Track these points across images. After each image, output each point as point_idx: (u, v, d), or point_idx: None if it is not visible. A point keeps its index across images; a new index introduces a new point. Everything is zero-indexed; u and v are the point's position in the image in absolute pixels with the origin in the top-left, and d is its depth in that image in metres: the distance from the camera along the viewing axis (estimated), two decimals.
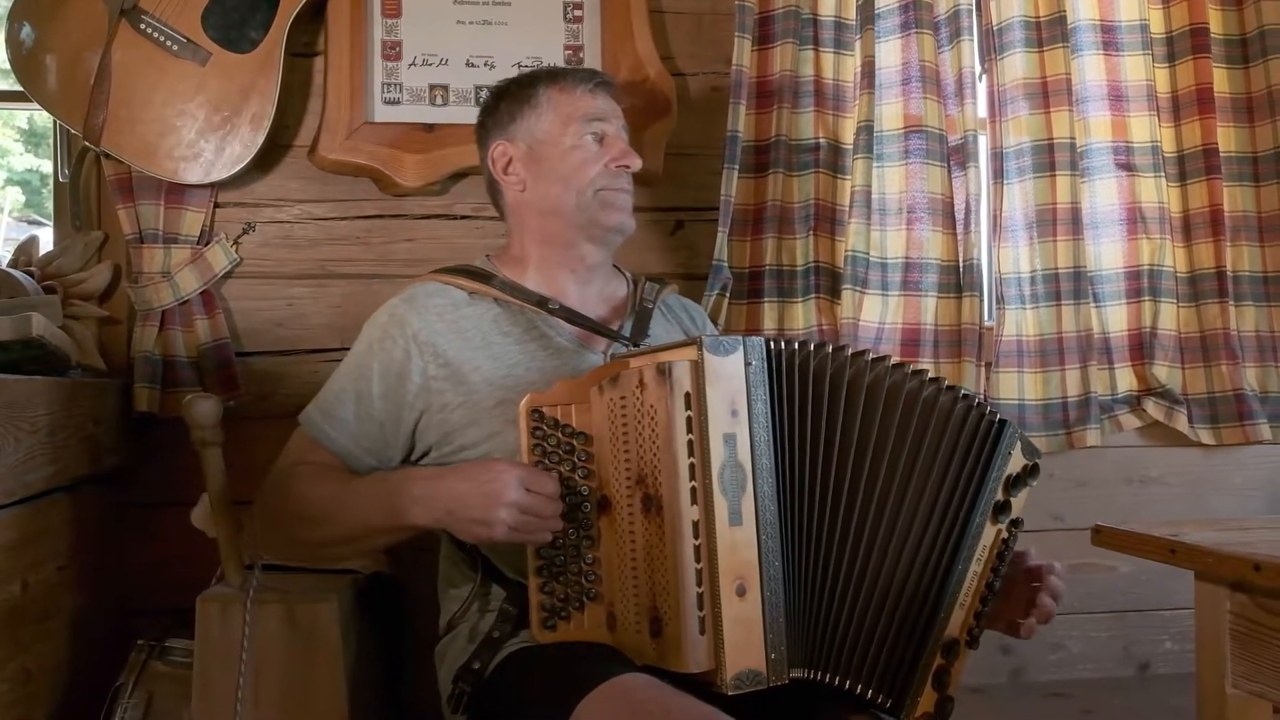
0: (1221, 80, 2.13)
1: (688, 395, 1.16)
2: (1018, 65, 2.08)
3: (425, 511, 1.26)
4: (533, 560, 1.26)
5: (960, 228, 2.05)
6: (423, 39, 1.97)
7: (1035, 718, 1.96)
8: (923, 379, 1.25)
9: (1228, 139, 2.13)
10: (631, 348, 1.45)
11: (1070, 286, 2.07)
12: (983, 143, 2.12)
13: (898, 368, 1.25)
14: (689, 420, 1.16)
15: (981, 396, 1.28)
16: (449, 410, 1.40)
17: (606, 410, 1.24)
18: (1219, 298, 2.11)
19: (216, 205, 1.92)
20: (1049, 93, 2.08)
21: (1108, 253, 2.14)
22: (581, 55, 2.00)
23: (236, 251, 1.92)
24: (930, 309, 2.05)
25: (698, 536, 1.15)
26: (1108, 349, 2.13)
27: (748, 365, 1.19)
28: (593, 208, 1.48)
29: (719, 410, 1.17)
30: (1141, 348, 2.13)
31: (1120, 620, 2.15)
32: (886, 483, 1.23)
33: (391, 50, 1.96)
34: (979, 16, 2.10)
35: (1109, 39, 2.13)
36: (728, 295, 1.95)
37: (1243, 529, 1.30)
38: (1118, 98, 2.13)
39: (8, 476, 1.37)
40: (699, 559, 1.15)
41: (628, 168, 1.51)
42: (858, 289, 2.01)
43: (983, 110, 2.12)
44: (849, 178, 2.03)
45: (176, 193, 1.86)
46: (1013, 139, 2.08)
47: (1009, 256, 2.08)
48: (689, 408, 1.16)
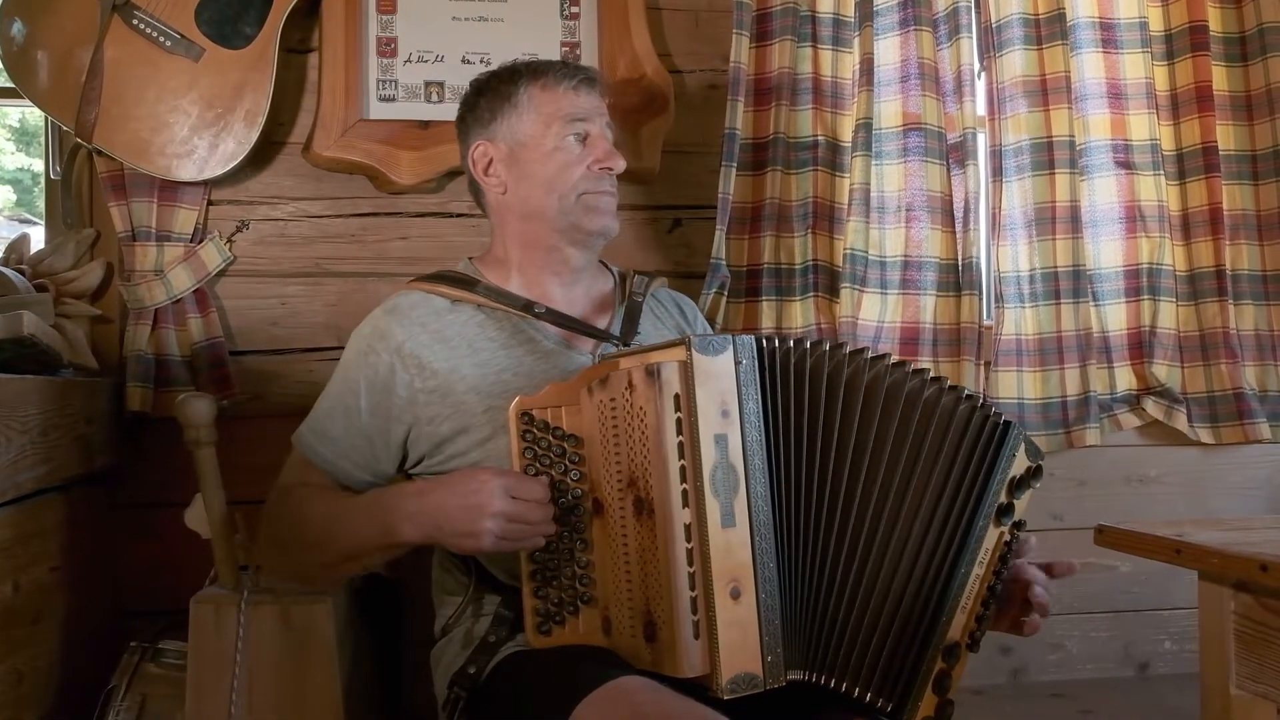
0: (1220, 78, 2.13)
1: (677, 396, 1.15)
2: (1017, 63, 2.07)
3: (416, 528, 1.26)
4: (526, 565, 1.25)
5: (959, 226, 2.05)
6: (418, 35, 1.95)
7: (1035, 718, 1.95)
8: (924, 378, 1.23)
9: (1227, 137, 2.13)
10: (621, 347, 1.44)
11: (1069, 285, 2.07)
12: (981, 141, 2.12)
13: (897, 366, 1.24)
14: (678, 422, 1.15)
15: (983, 397, 1.27)
16: (437, 422, 1.39)
17: (596, 412, 1.22)
18: (1218, 296, 2.11)
19: (210, 203, 1.90)
20: (1048, 90, 2.07)
21: (1107, 251, 2.13)
22: (578, 52, 1.99)
23: (230, 249, 1.91)
24: (929, 308, 2.05)
25: (690, 539, 1.14)
26: (1107, 348, 2.12)
27: (738, 364, 1.17)
28: (575, 212, 1.45)
29: (709, 411, 1.15)
30: (1141, 346, 2.13)
31: (1120, 620, 2.14)
32: (886, 483, 1.21)
33: (387, 47, 1.95)
34: (978, 13, 2.09)
35: (1108, 36, 2.12)
36: (725, 294, 1.94)
37: (1247, 529, 1.29)
38: (1117, 95, 2.13)
39: None
40: (692, 562, 1.14)
41: (611, 170, 1.47)
42: (856, 287, 2.00)
43: (981, 108, 2.11)
44: (847, 176, 2.02)
45: (169, 190, 1.84)
46: (1011, 137, 2.08)
47: (1008, 255, 2.08)
48: (678, 409, 1.15)
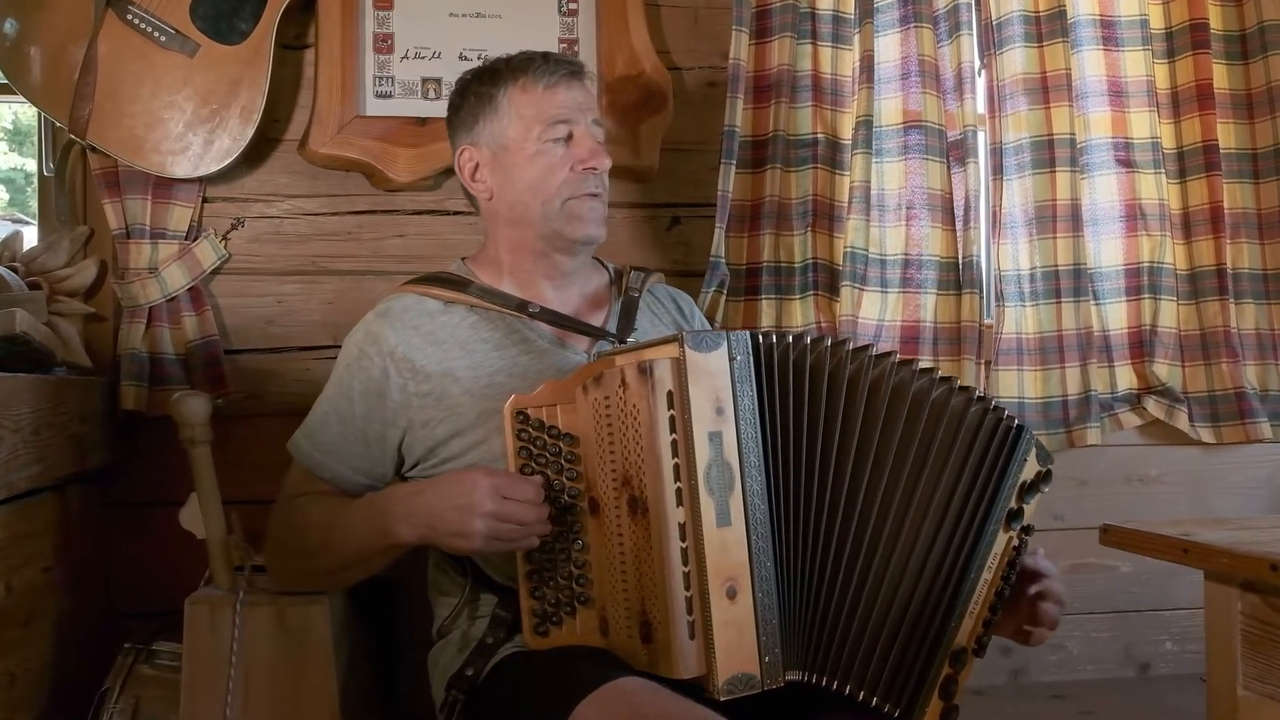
0: (1221, 76, 2.13)
1: (670, 394, 1.14)
2: (1017, 60, 2.06)
3: (410, 529, 1.25)
4: (522, 565, 1.24)
5: (959, 224, 2.04)
6: (415, 32, 1.94)
7: (1036, 719, 1.94)
8: (933, 378, 1.22)
9: (1227, 135, 2.12)
10: (616, 344, 1.42)
11: (1070, 284, 2.06)
12: (982, 138, 2.11)
13: (904, 365, 1.22)
14: (672, 420, 1.14)
15: (994, 400, 1.25)
16: (432, 425, 1.38)
17: (591, 411, 1.21)
18: (1219, 295, 2.10)
19: (205, 200, 1.89)
20: (1048, 88, 2.06)
21: (1107, 250, 2.13)
22: (576, 49, 1.98)
23: (225, 247, 1.90)
24: (929, 306, 2.04)
25: (685, 539, 1.13)
26: (1108, 347, 2.11)
27: (732, 360, 1.16)
28: (559, 220, 1.42)
29: (703, 408, 1.14)
30: (1141, 345, 2.12)
31: (1121, 621, 2.13)
32: (892, 484, 1.19)
33: (383, 43, 1.93)
34: (978, 11, 2.08)
35: (1109, 34, 2.12)
36: (725, 292, 1.93)
37: (1255, 528, 1.28)
38: (1117, 93, 2.12)
39: None
40: (686, 561, 1.13)
41: (595, 170, 1.43)
42: (856, 286, 1.99)
43: (982, 106, 2.10)
44: (847, 173, 2.01)
45: (164, 187, 1.83)
46: (1012, 135, 2.07)
47: (1008, 253, 2.07)
48: (672, 407, 1.14)
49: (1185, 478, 2.16)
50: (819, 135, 2.02)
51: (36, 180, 1.99)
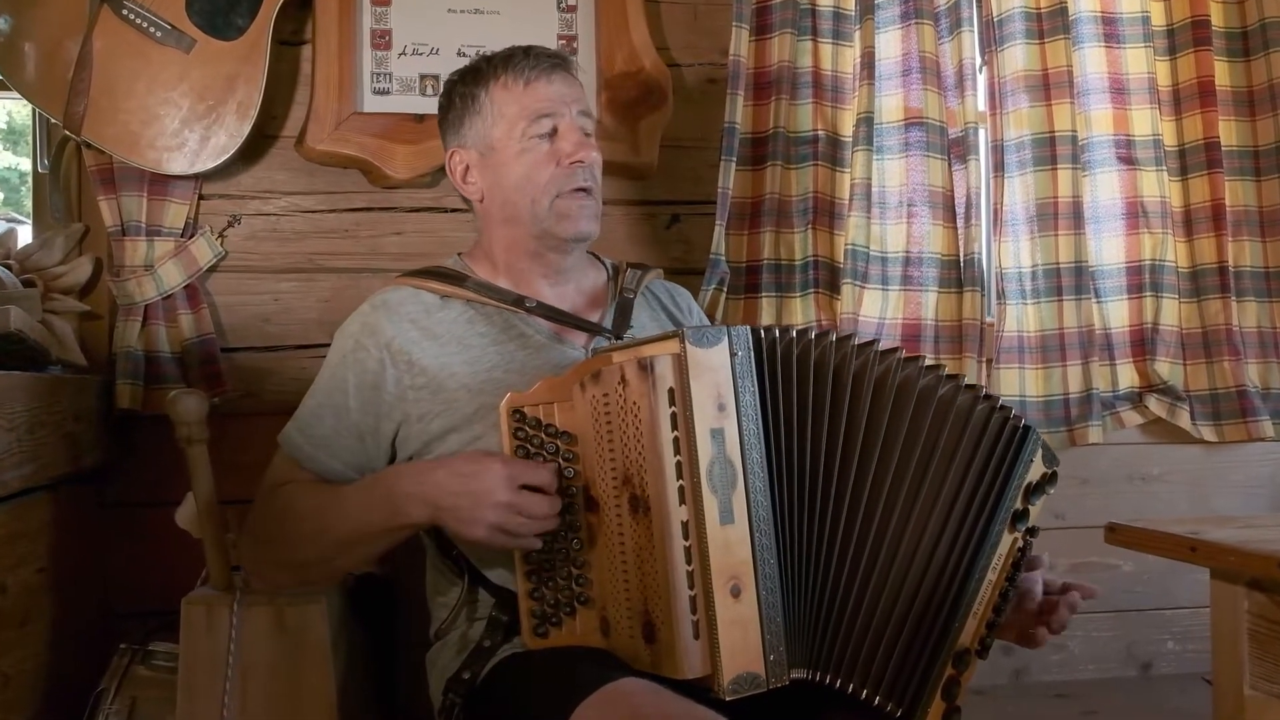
0: (1223, 73, 2.12)
1: (671, 390, 1.13)
2: (1018, 57, 2.06)
3: (420, 508, 1.24)
4: (520, 566, 1.23)
5: (961, 222, 2.03)
6: (413, 28, 1.93)
7: (1037, 718, 1.93)
8: (939, 375, 1.21)
9: (1229, 132, 2.12)
10: (614, 340, 1.41)
11: (1071, 281, 2.05)
12: (983, 136, 2.10)
13: (910, 361, 1.21)
14: (673, 417, 1.13)
15: (1000, 398, 1.24)
16: (427, 420, 1.36)
17: (590, 408, 1.20)
18: (1221, 293, 2.09)
19: (201, 197, 1.87)
20: (1050, 85, 2.06)
21: (1109, 247, 2.12)
22: (575, 45, 1.97)
23: (221, 244, 1.88)
24: (930, 304, 2.03)
25: (688, 537, 1.12)
26: (1109, 345, 2.11)
27: (733, 356, 1.15)
28: (549, 219, 1.40)
29: (705, 405, 1.13)
30: (1143, 343, 2.12)
31: (1122, 620, 2.13)
32: (897, 481, 1.18)
33: (381, 39, 1.92)
34: (979, 7, 2.08)
35: (1110, 31, 2.11)
36: (725, 290, 1.92)
37: (1260, 526, 1.27)
38: (1119, 90, 2.11)
39: None
40: (690, 560, 1.12)
41: (582, 163, 1.40)
42: (857, 283, 1.98)
43: (983, 103, 2.09)
44: (848, 170, 2.00)
45: (160, 184, 1.81)
46: (1013, 132, 2.06)
47: (1010, 251, 2.06)
48: (673, 403, 1.13)
49: (1187, 476, 2.15)
50: (819, 132, 2.01)
51: (31, 179, 1.97)
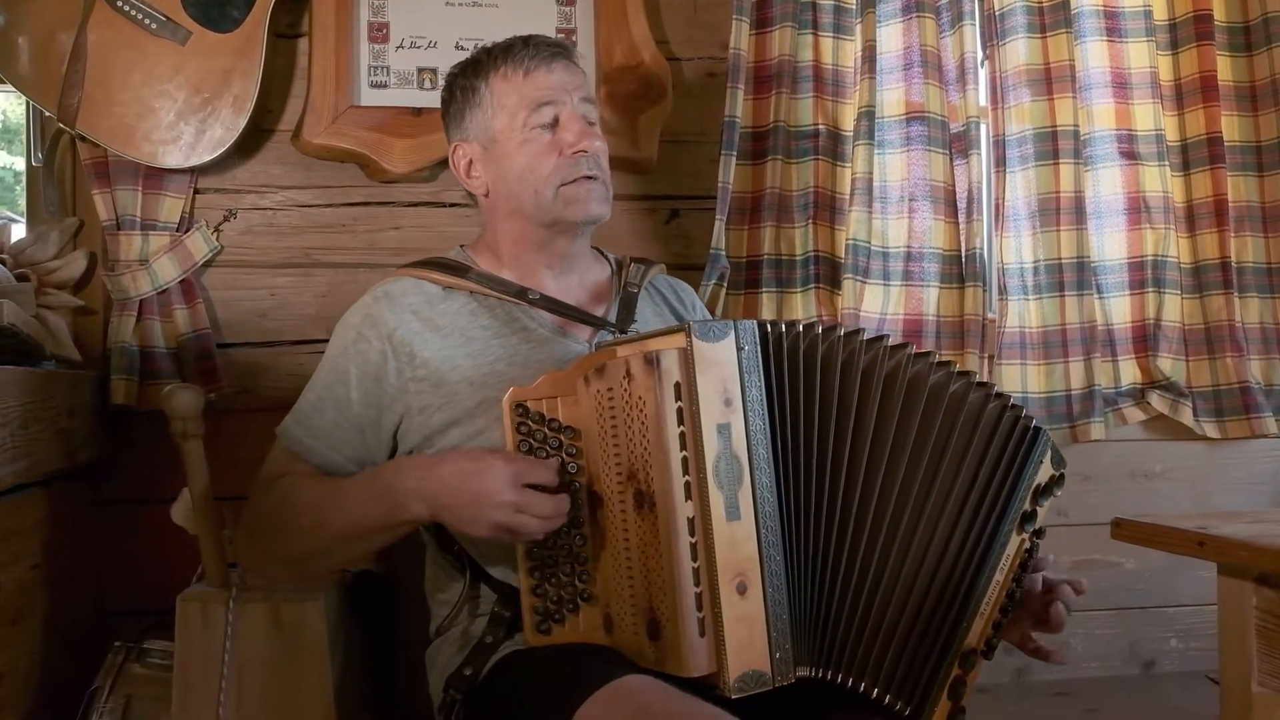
0: (1225, 68, 2.11)
1: (677, 385, 1.12)
2: (1020, 51, 2.04)
3: (423, 505, 1.22)
4: (523, 561, 1.22)
5: (962, 217, 2.02)
6: (411, 21, 1.91)
7: (1039, 717, 1.92)
8: (950, 371, 1.19)
9: (1231, 128, 2.10)
10: (618, 335, 1.40)
11: (1073, 277, 2.04)
12: (984, 130, 2.09)
13: (920, 357, 1.20)
14: (679, 412, 1.12)
15: (1011, 397, 1.23)
16: (429, 413, 1.35)
17: (594, 403, 1.19)
18: (1223, 289, 2.08)
19: (196, 191, 1.86)
20: (1052, 79, 2.05)
21: (1111, 243, 2.11)
22: (574, 38, 1.95)
23: (217, 239, 1.87)
24: (932, 299, 2.02)
25: (693, 533, 1.11)
26: (1111, 341, 2.10)
27: (740, 350, 1.14)
28: (556, 207, 1.39)
29: (711, 400, 1.12)
30: (1145, 339, 2.10)
31: (1125, 618, 2.12)
32: (908, 479, 1.17)
33: (378, 32, 1.91)
34: (980, 1, 2.06)
35: (1112, 25, 2.10)
36: (725, 285, 1.90)
37: (1269, 521, 1.26)
38: (1121, 85, 2.10)
39: None
40: (696, 557, 1.11)
41: (585, 152, 1.38)
42: (858, 279, 1.97)
43: (984, 97, 2.08)
44: (849, 165, 1.99)
45: (155, 177, 1.80)
46: (1015, 126, 2.05)
47: (1011, 246, 2.05)
48: (679, 398, 1.12)
49: (1189, 473, 2.14)
50: (820, 126, 1.99)
51: (25, 178, 1.96)
